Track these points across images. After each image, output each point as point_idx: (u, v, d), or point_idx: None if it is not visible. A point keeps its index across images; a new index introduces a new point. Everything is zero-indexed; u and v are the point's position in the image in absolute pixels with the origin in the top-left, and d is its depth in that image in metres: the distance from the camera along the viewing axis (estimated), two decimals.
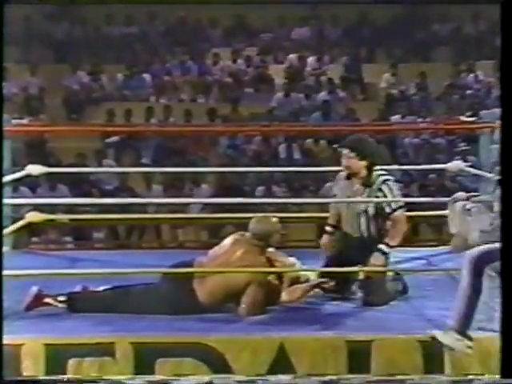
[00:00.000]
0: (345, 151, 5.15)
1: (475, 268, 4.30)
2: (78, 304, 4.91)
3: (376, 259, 5.03)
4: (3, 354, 3.96)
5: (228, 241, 5.03)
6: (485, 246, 4.39)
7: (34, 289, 4.89)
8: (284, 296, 5.05)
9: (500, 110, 4.11)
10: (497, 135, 4.53)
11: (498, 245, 4.18)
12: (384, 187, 5.10)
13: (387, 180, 5.13)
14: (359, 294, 5.14)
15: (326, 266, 5.21)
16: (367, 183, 5.13)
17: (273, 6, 15.03)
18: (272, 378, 4.32)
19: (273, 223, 5.05)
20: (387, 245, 5.04)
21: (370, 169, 5.13)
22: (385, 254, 5.04)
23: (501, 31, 4.05)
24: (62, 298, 4.91)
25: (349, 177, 5.21)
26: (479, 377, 4.33)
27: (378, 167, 5.17)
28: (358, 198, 5.13)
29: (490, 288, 4.32)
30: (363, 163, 5.12)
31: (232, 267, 4.89)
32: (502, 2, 4.05)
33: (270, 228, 5.01)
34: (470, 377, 4.33)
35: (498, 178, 4.43)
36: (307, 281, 5.17)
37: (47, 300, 4.90)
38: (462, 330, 4.34)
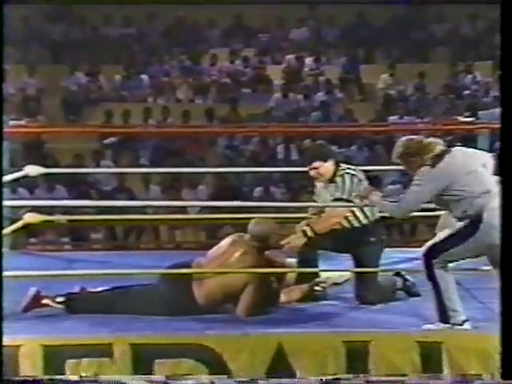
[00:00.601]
0: (312, 165, 5.29)
1: (425, 262, 4.54)
2: (76, 305, 4.91)
3: (296, 239, 5.13)
4: (3, 354, 3.97)
5: (226, 242, 5.04)
6: (434, 240, 4.66)
7: (33, 290, 4.89)
8: (282, 297, 5.05)
9: (500, 110, 4.14)
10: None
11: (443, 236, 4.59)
12: (338, 179, 5.23)
13: (345, 173, 5.23)
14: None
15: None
16: (332, 179, 5.27)
17: (271, 7, 15.02)
18: (272, 380, 4.33)
19: (271, 225, 5.06)
20: (311, 229, 5.11)
21: (336, 166, 5.27)
22: (305, 235, 5.11)
23: (501, 31, 4.05)
24: (60, 299, 4.91)
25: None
26: (477, 377, 4.35)
27: (344, 164, 5.31)
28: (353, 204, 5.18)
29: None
30: (328, 164, 5.25)
31: (230, 268, 4.89)
32: (502, 2, 4.06)
33: (268, 230, 5.01)
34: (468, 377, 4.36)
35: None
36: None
37: (45, 301, 4.90)
38: (444, 320, 4.51)
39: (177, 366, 4.36)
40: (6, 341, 4.03)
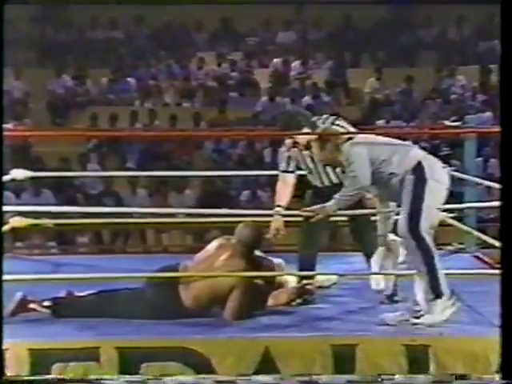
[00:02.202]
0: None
1: (413, 236, 4.50)
2: (62, 309, 4.89)
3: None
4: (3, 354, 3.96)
5: (213, 245, 5.03)
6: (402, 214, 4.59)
7: (19, 294, 4.87)
8: (270, 300, 5.05)
9: (499, 111, 4.17)
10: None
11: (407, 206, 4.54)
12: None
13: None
14: None
15: None
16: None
17: (258, 10, 15.03)
18: (253, 378, 4.33)
19: (259, 229, 5.05)
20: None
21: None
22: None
23: (501, 31, 4.06)
24: (46, 304, 4.89)
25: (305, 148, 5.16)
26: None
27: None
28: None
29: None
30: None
31: (217, 271, 4.89)
32: (502, 2, 4.06)
33: (256, 234, 5.01)
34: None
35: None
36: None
37: (32, 305, 4.88)
38: (437, 294, 4.52)
39: (164, 370, 4.35)
40: None
